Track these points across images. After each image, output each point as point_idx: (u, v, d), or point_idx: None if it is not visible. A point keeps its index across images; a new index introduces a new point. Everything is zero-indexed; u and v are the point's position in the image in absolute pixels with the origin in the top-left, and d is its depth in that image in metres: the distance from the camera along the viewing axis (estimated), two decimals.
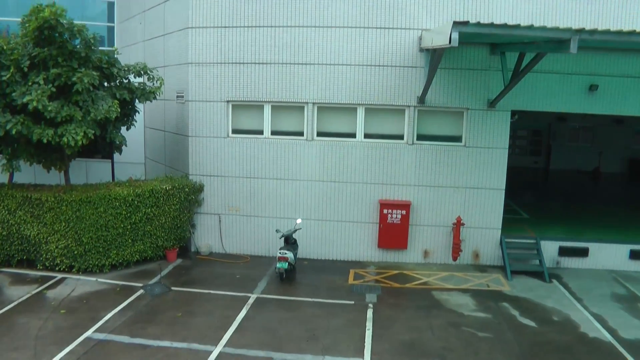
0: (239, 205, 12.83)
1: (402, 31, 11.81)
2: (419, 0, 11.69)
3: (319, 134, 12.44)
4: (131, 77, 11.96)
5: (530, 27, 7.66)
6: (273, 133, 12.58)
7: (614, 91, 11.66)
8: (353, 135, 12.37)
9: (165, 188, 12.05)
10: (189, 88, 12.60)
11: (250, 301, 10.32)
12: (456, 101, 11.92)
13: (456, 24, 7.48)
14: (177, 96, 13.20)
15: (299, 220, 11.88)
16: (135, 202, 11.55)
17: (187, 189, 12.47)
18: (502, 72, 11.21)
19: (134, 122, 12.71)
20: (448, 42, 7.58)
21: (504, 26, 7.72)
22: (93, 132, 10.38)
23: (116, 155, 13.80)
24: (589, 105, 11.85)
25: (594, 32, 7.55)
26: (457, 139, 12.20)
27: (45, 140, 9.96)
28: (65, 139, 9.90)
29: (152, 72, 12.09)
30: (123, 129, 12.47)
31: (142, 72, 11.79)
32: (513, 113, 12.17)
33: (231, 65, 12.33)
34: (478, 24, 7.71)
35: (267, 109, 12.47)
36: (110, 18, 18.28)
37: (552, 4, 11.40)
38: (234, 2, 12.11)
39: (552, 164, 23.05)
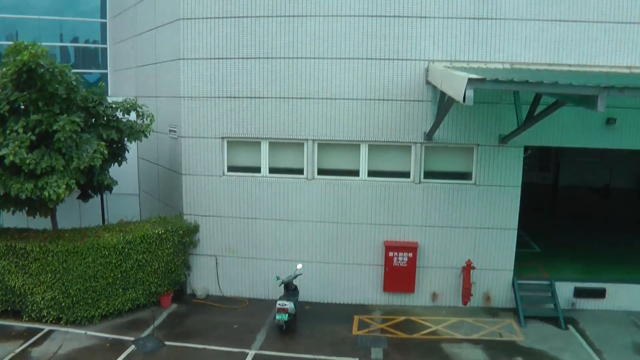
0: (236, 246, 12.16)
1: (407, 62, 11.08)
2: (425, 30, 10.93)
3: (320, 172, 11.73)
4: (120, 113, 11.22)
5: (555, 84, 6.90)
6: (271, 171, 11.87)
7: (634, 124, 10.91)
8: (356, 173, 11.66)
9: (158, 232, 11.38)
10: (182, 123, 11.89)
11: (248, 359, 9.66)
12: (466, 137, 11.21)
13: (472, 81, 6.72)
14: (170, 130, 12.49)
15: (299, 266, 11.20)
16: (126, 250, 10.89)
17: (181, 231, 11.79)
18: (515, 108, 10.45)
19: (125, 159, 12.00)
20: (462, 101, 6.83)
21: (526, 83, 6.95)
22: (77, 180, 9.68)
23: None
24: (607, 140, 11.13)
25: (623, 89, 6.81)
26: (467, 176, 11.48)
27: (24, 196, 9.26)
28: (46, 193, 9.21)
29: (142, 108, 11.38)
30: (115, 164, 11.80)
31: (130, 110, 11.06)
32: (526, 148, 11.44)
33: (226, 99, 11.61)
34: (496, 81, 6.95)
35: (265, 146, 11.76)
36: (103, 14, 17.29)
37: (565, 33, 10.62)
38: (228, 32, 11.39)
39: (561, 180, 22.27)
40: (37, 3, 15.85)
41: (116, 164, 11.73)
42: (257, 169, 11.93)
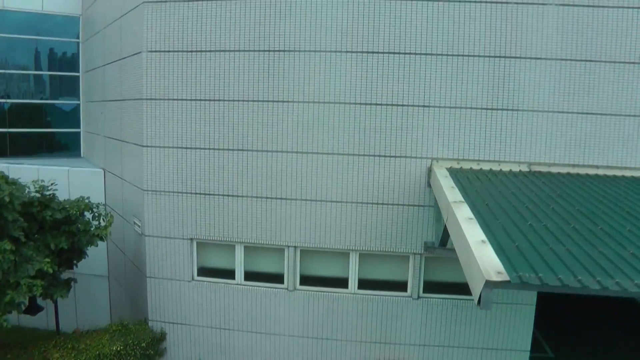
0: (207, 358, 10.59)
1: (406, 160, 9.42)
2: (429, 122, 9.28)
3: (303, 281, 10.14)
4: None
5: (604, 288, 5.15)
6: (247, 277, 10.30)
7: None
8: (345, 284, 10.05)
9: (116, 349, 9.87)
10: (145, 220, 10.32)
11: None
12: None
13: (490, 284, 5.03)
14: (135, 223, 10.92)
15: None
16: None
17: (144, 344, 10.27)
18: None
19: (85, 256, 10.49)
20: (477, 303, 5.17)
21: (563, 286, 5.20)
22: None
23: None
24: None
25: None
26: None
27: None
28: None
29: (98, 207, 9.81)
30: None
31: (84, 211, 9.49)
32: None
33: (194, 195, 10.02)
34: (522, 284, 5.20)
35: (239, 250, 10.17)
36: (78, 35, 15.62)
37: (592, 129, 8.95)
38: (196, 116, 9.78)
39: None
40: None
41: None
42: (231, 274, 10.36)
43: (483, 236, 5.92)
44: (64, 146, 15.46)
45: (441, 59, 9.21)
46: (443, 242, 8.45)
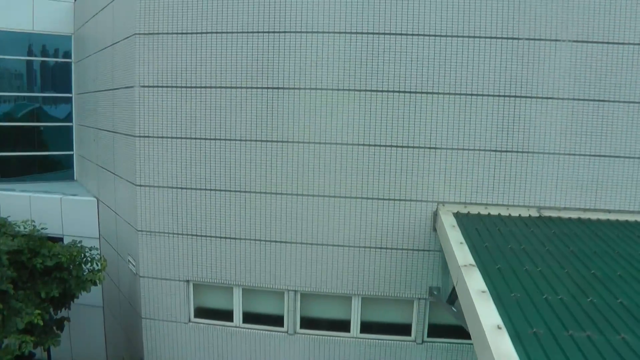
0: None
1: (411, 203, 9.06)
2: (435, 164, 8.94)
3: (304, 325, 9.81)
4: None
5: None
6: (246, 319, 9.98)
7: None
8: (347, 329, 9.71)
9: None
10: (140, 261, 9.96)
11: None
12: None
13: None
14: (129, 262, 10.56)
15: None
16: None
17: None
18: None
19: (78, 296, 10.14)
20: None
21: None
22: None
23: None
24: None
25: None
26: None
27: None
28: None
29: (91, 251, 9.42)
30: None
31: (76, 257, 9.11)
32: None
33: (190, 237, 9.66)
34: None
35: (238, 293, 9.83)
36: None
37: (605, 171, 8.64)
38: (192, 158, 9.38)
39: None
40: None
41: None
42: (229, 315, 10.02)
43: (499, 319, 5.56)
44: (57, 166, 15.03)
45: (448, 98, 8.81)
46: (451, 300, 8.10)
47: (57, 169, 14.95)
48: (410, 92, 8.79)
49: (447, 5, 8.51)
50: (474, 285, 6.29)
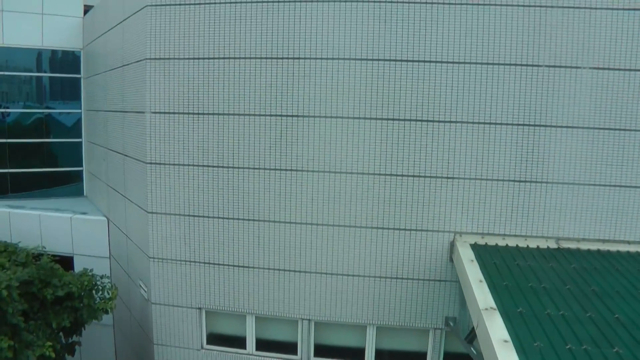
0: None
1: (428, 234, 8.92)
2: (453, 194, 8.78)
3: (318, 353, 9.73)
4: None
5: None
6: (259, 347, 9.88)
7: None
8: (361, 357, 9.64)
9: None
10: (151, 287, 9.87)
11: None
12: None
13: None
14: (140, 286, 10.47)
15: None
16: None
17: None
18: None
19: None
20: None
21: None
22: None
23: None
24: None
25: None
26: None
27: None
28: None
29: (103, 279, 9.33)
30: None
31: (86, 288, 9.03)
32: None
33: (203, 265, 9.56)
34: None
35: (250, 321, 9.74)
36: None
37: (626, 202, 8.48)
38: (204, 185, 9.26)
39: None
40: None
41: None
42: (242, 342, 9.92)
43: None
44: (66, 180, 14.96)
45: (466, 127, 8.65)
46: (470, 338, 7.97)
47: (66, 183, 14.87)
48: (428, 121, 8.63)
49: (466, 32, 8.33)
50: (497, 334, 6.16)
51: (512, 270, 7.96)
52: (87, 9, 13.88)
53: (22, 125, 14.34)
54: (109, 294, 9.45)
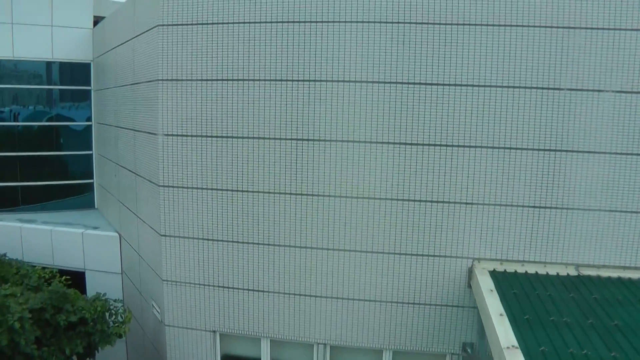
0: None
1: (445, 260, 8.80)
2: (471, 220, 8.63)
3: None
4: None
5: None
6: None
7: None
8: None
9: None
10: (165, 309, 9.82)
11: None
12: None
13: None
14: (153, 306, 10.42)
15: None
16: None
17: None
18: None
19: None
20: None
21: None
22: None
23: None
24: None
25: None
26: None
27: None
28: None
29: (116, 302, 9.27)
30: None
31: (99, 313, 8.97)
32: None
33: (217, 288, 9.48)
34: None
35: (265, 344, 9.65)
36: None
37: None
38: (216, 208, 9.15)
39: None
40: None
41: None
42: None
43: None
44: (77, 191, 14.90)
45: (485, 152, 8.49)
46: None
47: (77, 193, 14.81)
48: (446, 145, 8.48)
49: (485, 54, 8.16)
50: None
51: (532, 301, 7.83)
52: (96, 20, 13.74)
53: (32, 137, 14.26)
54: (122, 317, 9.38)
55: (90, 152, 14.40)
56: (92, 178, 14.55)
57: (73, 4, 13.29)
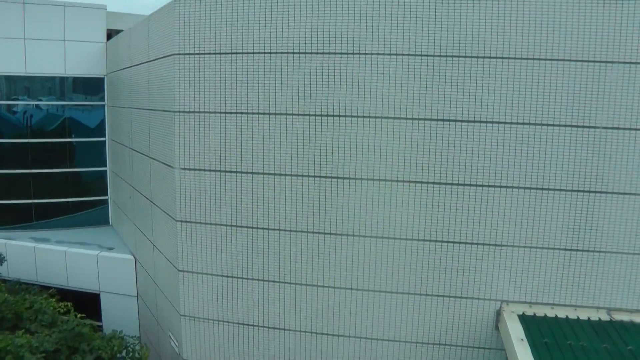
0: None
1: (473, 301, 8.53)
2: (500, 261, 8.34)
3: None
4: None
5: None
6: None
7: None
8: None
9: None
10: (183, 344, 9.68)
11: None
12: None
13: None
14: (170, 337, 10.26)
15: None
16: None
17: None
18: None
19: None
20: None
21: None
22: None
23: None
24: None
25: None
26: None
27: None
28: None
29: (134, 339, 9.10)
30: None
31: (116, 353, 8.80)
32: None
33: (237, 326, 9.29)
34: None
35: None
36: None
37: None
38: (236, 245, 8.91)
39: None
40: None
41: None
42: None
43: None
44: (91, 206, 14.71)
45: (516, 192, 8.16)
46: None
47: (91, 208, 14.62)
48: (475, 185, 8.16)
49: (518, 91, 7.79)
50: None
51: (563, 352, 7.57)
52: (109, 32, 13.40)
53: (46, 152, 14.04)
54: (139, 354, 9.21)
55: (104, 168, 14.16)
56: (107, 194, 14.33)
57: (86, 18, 12.96)
